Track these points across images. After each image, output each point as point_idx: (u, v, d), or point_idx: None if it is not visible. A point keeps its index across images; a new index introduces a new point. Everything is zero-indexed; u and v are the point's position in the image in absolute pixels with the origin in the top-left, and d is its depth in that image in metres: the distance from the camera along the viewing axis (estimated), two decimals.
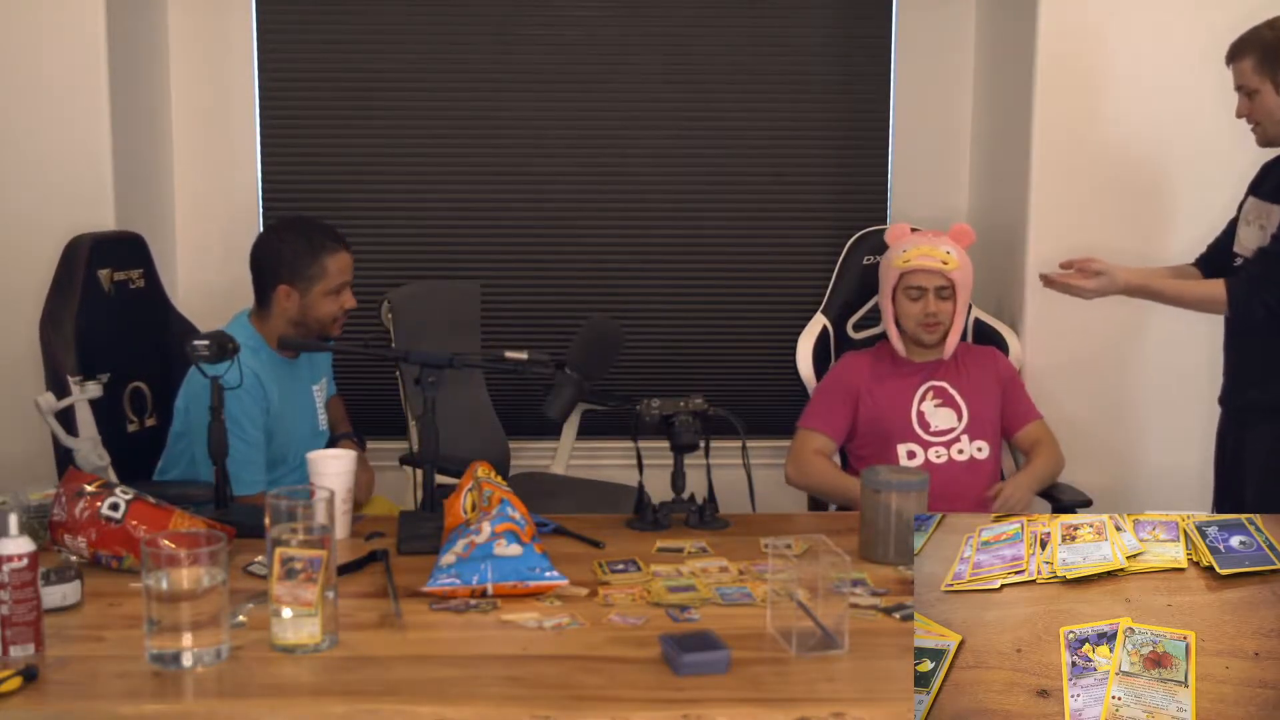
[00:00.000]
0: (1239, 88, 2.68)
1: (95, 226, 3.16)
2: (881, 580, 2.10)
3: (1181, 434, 3.36)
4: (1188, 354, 3.29)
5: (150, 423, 3.03)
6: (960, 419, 2.92)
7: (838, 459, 3.01)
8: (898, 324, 2.96)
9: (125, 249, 3.15)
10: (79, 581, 1.95)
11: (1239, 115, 2.70)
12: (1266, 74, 2.61)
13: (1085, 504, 2.86)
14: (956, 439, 2.90)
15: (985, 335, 3.19)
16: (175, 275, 3.73)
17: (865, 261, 3.24)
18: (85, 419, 2.79)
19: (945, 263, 2.91)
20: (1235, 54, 2.67)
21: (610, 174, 3.93)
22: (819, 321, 3.20)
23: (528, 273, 3.93)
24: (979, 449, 2.93)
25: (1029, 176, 3.34)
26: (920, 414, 2.92)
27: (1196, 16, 3.27)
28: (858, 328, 3.26)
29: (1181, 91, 3.29)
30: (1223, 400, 2.88)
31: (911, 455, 2.89)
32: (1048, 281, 2.81)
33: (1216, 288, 2.66)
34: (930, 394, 2.94)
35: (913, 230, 3.04)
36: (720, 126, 3.91)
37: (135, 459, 2.88)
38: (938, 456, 2.90)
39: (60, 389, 2.79)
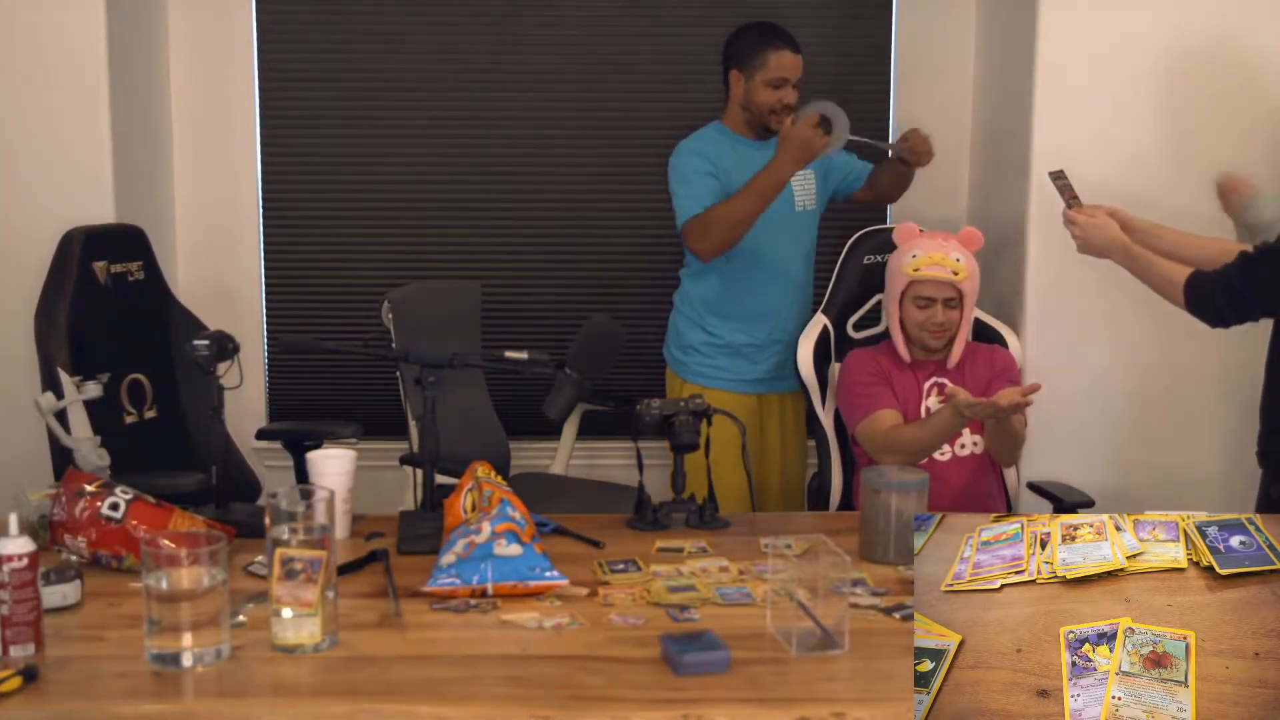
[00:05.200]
0: None
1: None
2: (881, 580, 2.10)
3: (1182, 433, 3.35)
4: (1190, 353, 3.29)
5: (150, 414, 3.03)
6: None
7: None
8: (903, 328, 2.96)
9: (123, 241, 3.15)
10: (79, 581, 1.95)
11: None
12: None
13: (1088, 504, 2.85)
14: (958, 434, 2.90)
15: (985, 335, 3.19)
16: (175, 273, 3.73)
17: (865, 261, 3.24)
18: (79, 419, 2.79)
19: (956, 273, 2.90)
20: None
21: (610, 174, 3.93)
22: (819, 321, 3.20)
23: (528, 273, 3.94)
24: (976, 443, 2.93)
25: (1029, 176, 3.33)
26: (927, 410, 2.92)
27: (1198, 15, 3.26)
28: (858, 327, 3.26)
29: (1183, 89, 3.29)
30: (1264, 455, 2.47)
31: None
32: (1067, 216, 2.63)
33: (1180, 274, 2.39)
34: (934, 390, 2.94)
35: (920, 231, 3.04)
36: None
37: (134, 451, 2.88)
38: (941, 454, 2.90)
39: (53, 382, 2.79)
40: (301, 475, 2.44)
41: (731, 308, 3.25)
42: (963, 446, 2.93)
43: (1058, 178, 2.67)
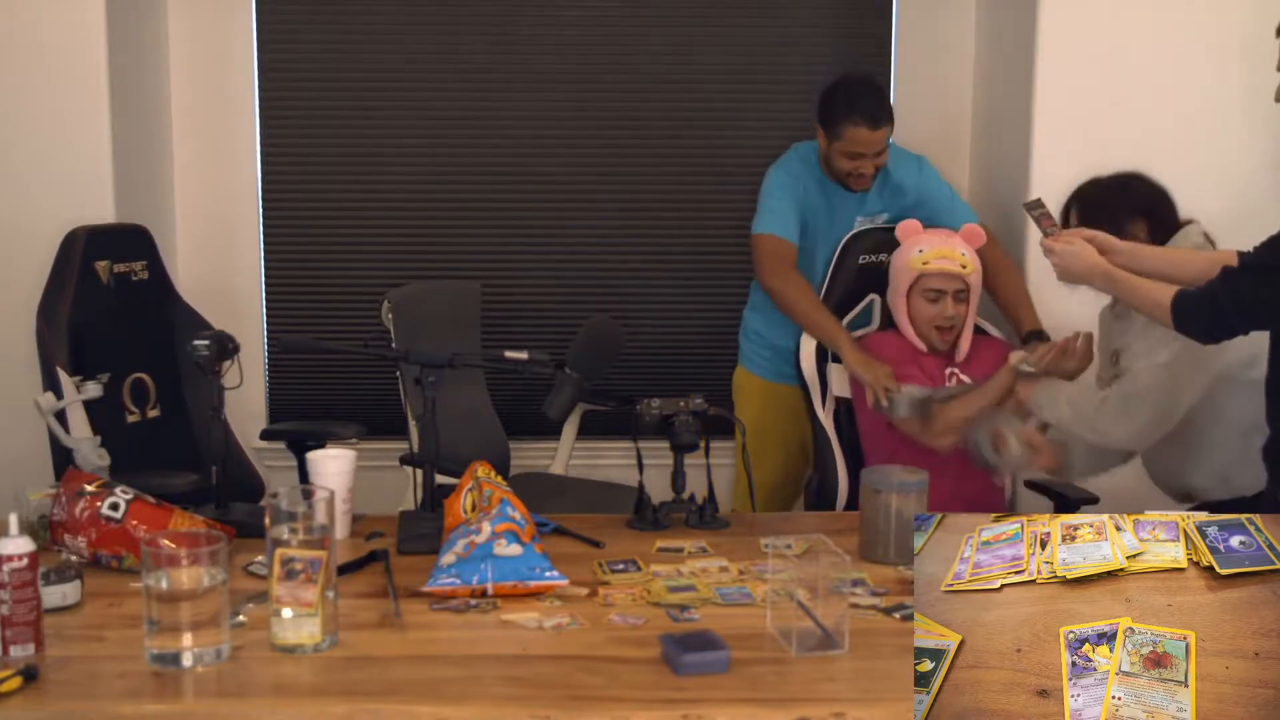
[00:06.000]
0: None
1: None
2: (881, 580, 2.10)
3: None
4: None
5: (153, 414, 3.03)
6: None
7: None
8: (912, 325, 2.97)
9: (127, 241, 3.16)
10: (79, 581, 1.95)
11: (1276, 99, 2.41)
12: None
13: (1092, 501, 2.85)
14: None
15: None
16: (175, 273, 3.73)
17: (861, 261, 3.24)
18: (78, 419, 2.79)
19: (964, 266, 2.92)
20: None
21: (610, 174, 3.93)
22: None
23: (528, 273, 3.94)
24: None
25: (1029, 177, 3.34)
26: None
27: (1200, 12, 3.26)
28: (853, 327, 3.26)
29: (1185, 90, 3.29)
30: (1271, 453, 2.33)
31: None
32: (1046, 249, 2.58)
33: (1165, 295, 2.32)
34: (954, 379, 2.96)
35: (923, 228, 3.05)
36: (720, 126, 3.91)
37: (136, 451, 2.88)
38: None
39: (53, 382, 2.79)
40: (305, 475, 2.45)
41: (775, 310, 3.31)
42: None
43: (1034, 208, 2.64)
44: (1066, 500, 2.86)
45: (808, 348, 3.14)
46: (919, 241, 2.97)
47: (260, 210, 3.89)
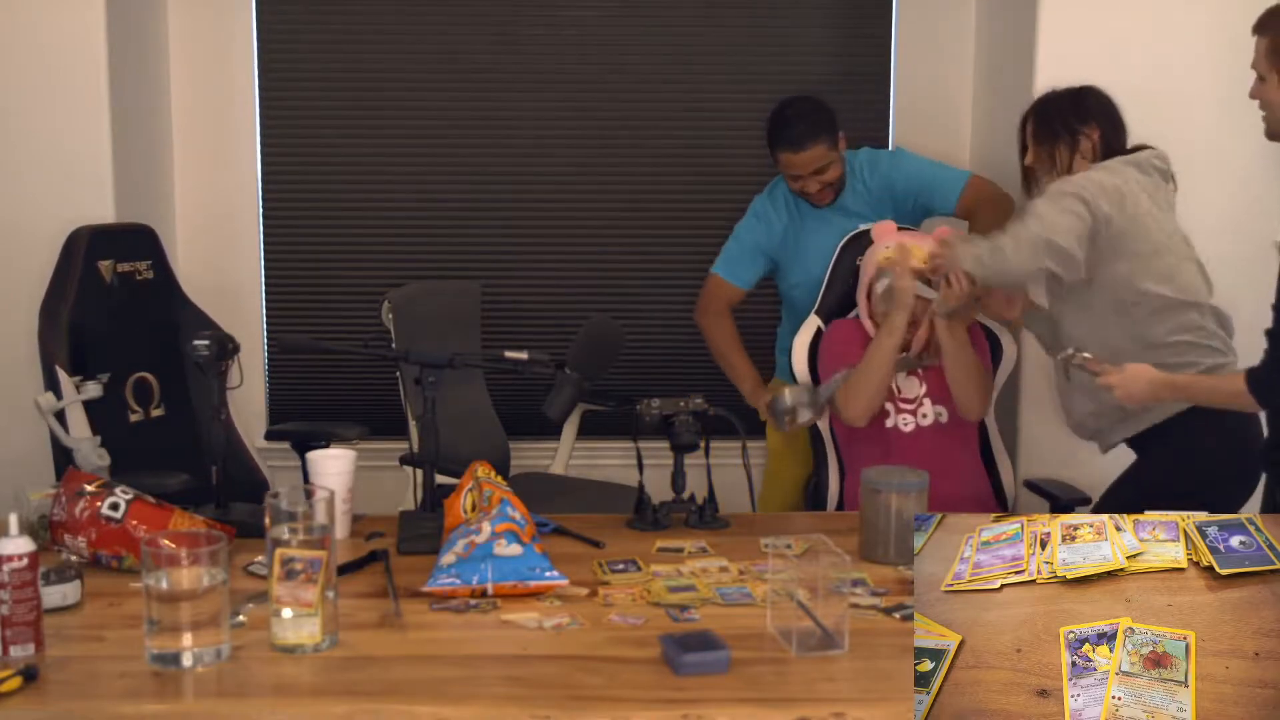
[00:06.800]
0: (1254, 66, 2.42)
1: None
2: (881, 580, 2.11)
3: None
4: None
5: (157, 413, 3.03)
6: (921, 385, 2.99)
7: None
8: (873, 321, 3.01)
9: (131, 241, 3.17)
10: (79, 581, 1.95)
11: (1250, 96, 2.47)
12: (1274, 63, 2.37)
13: (1084, 502, 2.86)
14: (920, 403, 2.97)
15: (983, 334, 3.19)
16: (175, 272, 3.73)
17: (857, 262, 3.24)
18: (78, 419, 2.79)
19: (924, 262, 2.94)
20: (1258, 28, 2.42)
21: (610, 174, 3.93)
22: (813, 322, 3.20)
23: (528, 273, 3.94)
24: (940, 413, 2.97)
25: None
26: (896, 388, 2.98)
27: (1198, 12, 3.26)
28: None
29: (1183, 91, 3.29)
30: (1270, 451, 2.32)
31: (885, 415, 2.95)
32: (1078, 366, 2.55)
33: (1236, 383, 2.25)
34: (911, 375, 3.00)
35: (899, 229, 3.07)
36: (720, 126, 3.91)
37: (138, 449, 2.89)
38: (905, 424, 2.94)
39: (53, 382, 2.80)
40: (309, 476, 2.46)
41: (788, 321, 3.37)
42: (924, 416, 2.97)
43: (1071, 358, 2.57)
44: (1060, 502, 2.86)
45: (800, 350, 3.15)
46: (889, 238, 3.02)
47: (260, 210, 3.89)
